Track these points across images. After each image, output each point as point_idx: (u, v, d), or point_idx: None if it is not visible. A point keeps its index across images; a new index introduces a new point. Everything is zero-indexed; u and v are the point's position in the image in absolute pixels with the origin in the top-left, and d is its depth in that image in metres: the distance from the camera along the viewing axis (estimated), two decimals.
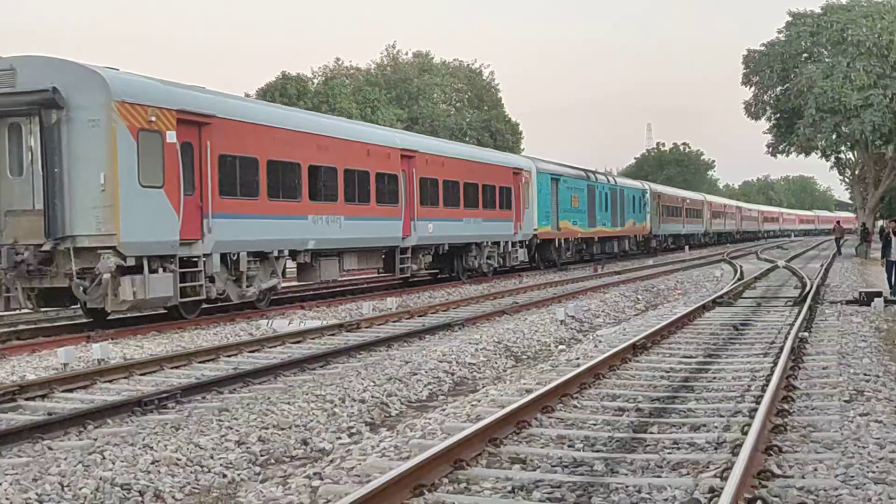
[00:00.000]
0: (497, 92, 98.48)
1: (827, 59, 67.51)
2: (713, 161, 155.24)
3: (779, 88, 70.74)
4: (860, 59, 64.11)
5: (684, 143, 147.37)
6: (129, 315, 20.70)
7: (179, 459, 8.98)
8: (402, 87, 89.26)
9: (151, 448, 9.25)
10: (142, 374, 13.60)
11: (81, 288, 17.65)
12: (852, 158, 74.46)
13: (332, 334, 18.36)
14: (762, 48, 71.48)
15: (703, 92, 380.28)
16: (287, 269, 24.72)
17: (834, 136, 68.73)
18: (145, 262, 18.11)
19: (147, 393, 11.69)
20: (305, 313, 22.48)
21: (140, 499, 8.08)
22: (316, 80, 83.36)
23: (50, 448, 9.36)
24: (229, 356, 15.40)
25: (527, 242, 39.50)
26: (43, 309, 20.55)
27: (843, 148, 72.49)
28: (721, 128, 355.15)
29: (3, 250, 17.41)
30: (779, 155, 72.97)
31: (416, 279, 32.87)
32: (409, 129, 79.76)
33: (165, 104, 18.86)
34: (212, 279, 20.34)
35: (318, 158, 24.46)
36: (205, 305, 21.00)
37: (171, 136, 18.70)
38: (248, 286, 21.69)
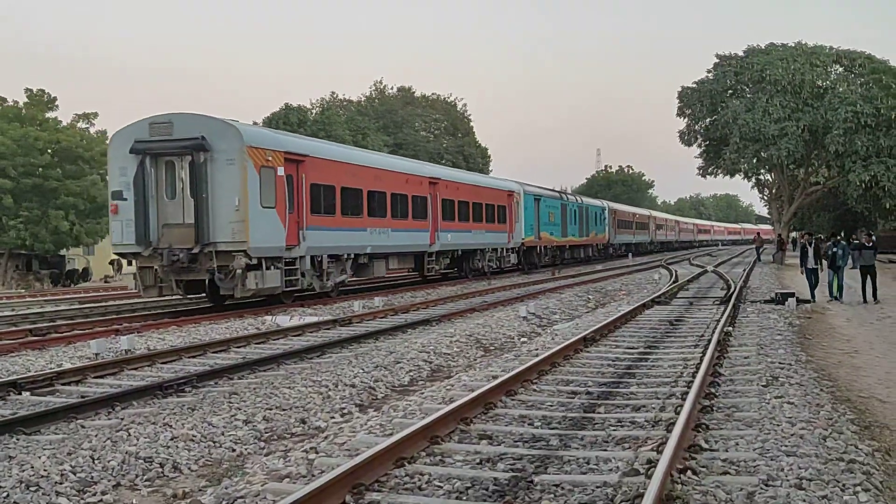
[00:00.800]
0: (469, 121, 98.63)
1: (749, 96, 68.21)
2: (653, 181, 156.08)
3: (708, 120, 71.30)
4: (777, 95, 64.75)
5: (628, 166, 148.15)
6: (244, 300, 23.39)
7: (195, 436, 8.95)
8: (388, 117, 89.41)
9: (170, 426, 9.22)
10: (163, 363, 13.55)
11: (219, 279, 20.77)
12: (770, 179, 75.00)
13: (328, 328, 18.31)
14: (694, 85, 71.99)
15: (644, 121, 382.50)
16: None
17: (754, 161, 69.31)
18: (263, 262, 21.42)
19: (167, 379, 11.66)
20: (304, 310, 22.39)
21: (161, 470, 8.06)
22: (314, 111, 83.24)
23: (82, 426, 9.32)
24: (239, 347, 15.35)
25: (516, 249, 42.76)
26: (189, 296, 23.77)
27: (762, 171, 73.06)
28: (659, 152, 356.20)
29: (165, 252, 20.49)
30: (708, 176, 73.53)
31: (431, 276, 35.08)
32: (393, 153, 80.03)
33: (276, 147, 22.37)
34: (303, 274, 23.52)
35: (374, 185, 27.91)
36: (296, 294, 24.50)
37: (280, 171, 22.15)
38: (327, 280, 25.12)
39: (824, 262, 24.14)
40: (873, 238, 24.45)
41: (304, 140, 25.57)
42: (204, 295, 23.43)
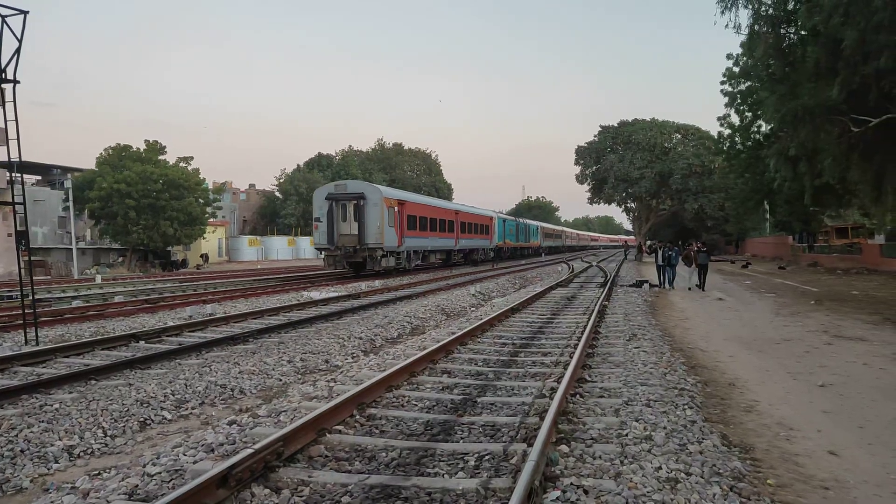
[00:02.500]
0: (439, 165, 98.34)
1: (620, 152, 68.90)
2: (558, 206, 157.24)
3: (594, 167, 71.93)
4: (639, 152, 65.51)
5: (542, 196, 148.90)
6: (373, 271, 28.53)
7: (254, 371, 8.86)
8: (386, 162, 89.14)
9: (238, 364, 9.12)
10: (234, 322, 13.36)
11: (368, 261, 27.09)
12: (634, 206, 75.77)
13: (344, 300, 18.14)
14: (585, 144, 72.72)
15: (553, 167, 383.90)
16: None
17: (624, 194, 70.06)
18: (388, 253, 27.91)
19: (237, 333, 11.50)
20: (329, 288, 22.21)
21: (231, 393, 7.97)
22: (337, 157, 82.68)
23: (179, 364, 9.19)
24: (286, 312, 15.16)
25: (493, 249, 48.08)
26: (352, 274, 29.09)
27: (629, 201, 73.86)
28: (562, 187, 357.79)
29: (343, 248, 26.96)
30: (594, 203, 74.09)
31: (455, 262, 40.11)
32: (389, 186, 79.70)
33: (394, 197, 29.17)
34: (400, 260, 29.51)
35: (431, 214, 33.99)
36: (396, 268, 29.54)
37: (395, 208, 28.66)
38: (409, 264, 30.65)
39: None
40: (705, 246, 23.85)
41: (404, 192, 32.22)
42: (351, 269, 28.98)
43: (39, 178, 51.64)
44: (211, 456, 5.41)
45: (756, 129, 34.52)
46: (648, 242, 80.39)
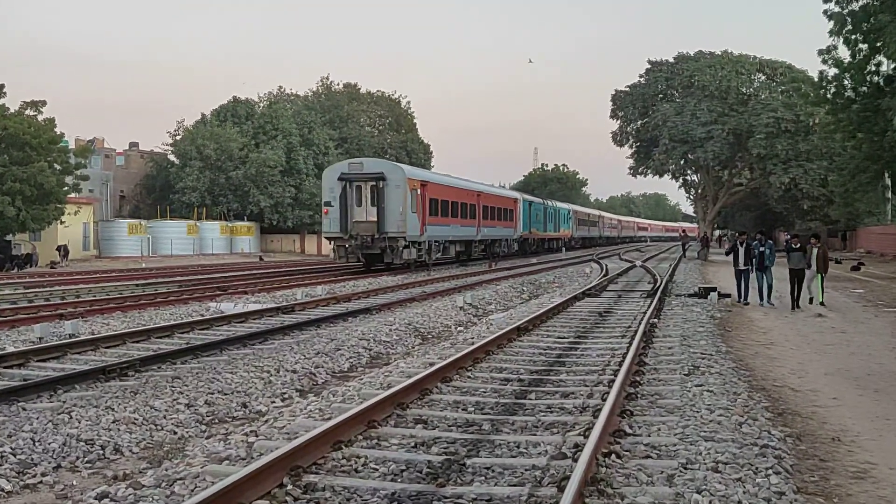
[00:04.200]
0: (412, 118, 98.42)
1: (678, 100, 69.26)
2: (586, 179, 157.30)
3: (639, 122, 72.32)
4: (704, 100, 65.87)
5: (563, 164, 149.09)
6: (391, 265, 34.56)
7: (137, 419, 8.81)
8: (334, 112, 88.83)
9: (113, 409, 9.06)
10: (107, 347, 13.26)
11: (387, 252, 33.28)
12: (696, 180, 76.32)
13: (271, 316, 18.09)
14: (626, 89, 72.88)
15: (579, 122, 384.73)
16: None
17: (682, 162, 70.53)
18: (410, 243, 34.19)
19: (111, 363, 11.41)
20: (248, 298, 22.14)
21: (102, 452, 7.91)
22: (262, 104, 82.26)
23: (24, 409, 9.08)
24: (182, 333, 15.10)
25: (517, 239, 55.68)
26: (376, 266, 34.85)
27: (689, 171, 74.38)
28: (592, 151, 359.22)
29: (358, 238, 33.17)
30: (638, 175, 74.62)
31: (474, 258, 46.69)
32: (338, 148, 79.72)
33: (417, 178, 36.77)
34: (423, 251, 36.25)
35: (454, 197, 41.37)
36: (416, 262, 35.81)
37: (418, 191, 35.15)
38: (429, 257, 37.50)
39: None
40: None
41: (427, 172, 40.96)
42: (361, 262, 34.55)
43: None
44: None
45: (875, 69, 34.87)
46: (722, 233, 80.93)
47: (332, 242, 34.75)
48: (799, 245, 21.23)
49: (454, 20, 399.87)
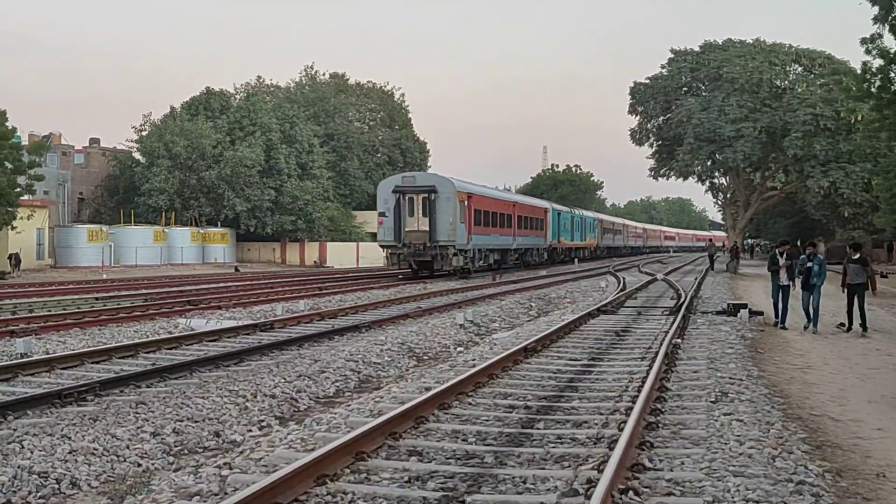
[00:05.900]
0: (407, 113, 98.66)
1: (704, 94, 68.99)
2: (601, 182, 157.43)
3: (661, 118, 71.99)
4: (734, 94, 65.49)
5: (576, 165, 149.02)
6: (440, 272, 43.23)
7: (96, 449, 8.80)
8: (319, 105, 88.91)
9: (69, 438, 9.05)
10: (63, 368, 13.27)
11: (437, 259, 40.68)
12: (725, 183, 76.15)
13: (247, 334, 18.11)
14: (647, 81, 72.69)
15: (593, 119, 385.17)
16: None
17: (709, 163, 70.25)
18: (458, 251, 41.09)
19: (67, 386, 11.40)
20: (222, 314, 22.16)
21: (57, 486, 7.91)
22: (238, 96, 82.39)
23: None
24: (148, 352, 15.10)
25: (547, 249, 63.24)
26: (421, 273, 42.72)
27: (717, 173, 74.20)
28: (608, 152, 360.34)
29: (411, 246, 40.42)
30: (660, 178, 74.36)
31: (508, 267, 53.63)
32: (324, 146, 79.97)
33: (464, 190, 43.34)
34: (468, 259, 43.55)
35: (493, 208, 48.88)
36: (461, 268, 43.25)
37: (465, 202, 42.32)
38: (473, 265, 44.76)
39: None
40: (858, 251, 20.79)
41: (474, 185, 47.11)
42: (410, 269, 42.70)
43: None
44: None
45: None
46: (755, 242, 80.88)
47: (386, 250, 41.99)
48: (858, 256, 20.22)
49: (454, 4, 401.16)
